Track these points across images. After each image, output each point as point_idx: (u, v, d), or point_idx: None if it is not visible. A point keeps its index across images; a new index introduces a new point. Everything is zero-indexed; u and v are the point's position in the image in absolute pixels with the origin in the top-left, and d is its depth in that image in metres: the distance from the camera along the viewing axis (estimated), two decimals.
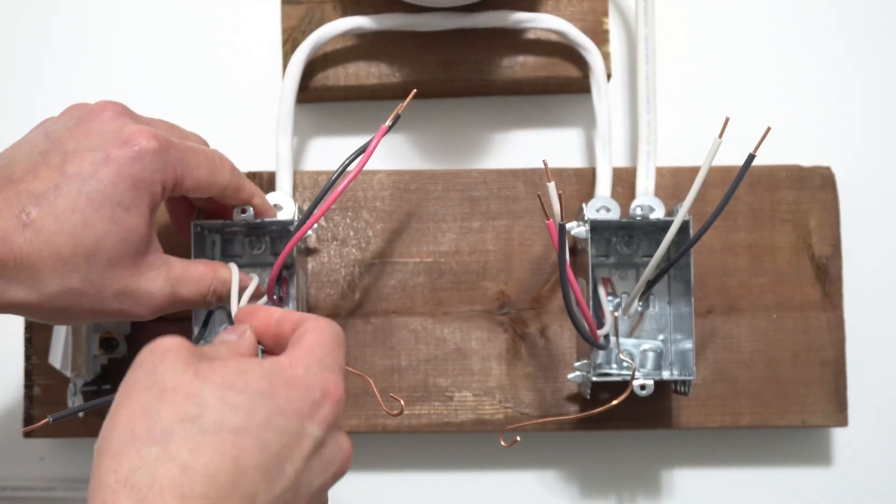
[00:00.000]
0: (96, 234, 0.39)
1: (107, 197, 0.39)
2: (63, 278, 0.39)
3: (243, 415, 0.32)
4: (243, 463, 0.31)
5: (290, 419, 0.33)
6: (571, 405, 0.54)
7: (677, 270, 0.51)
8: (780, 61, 0.59)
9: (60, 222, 0.39)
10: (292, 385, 0.34)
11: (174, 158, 0.41)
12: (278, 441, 0.33)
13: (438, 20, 0.54)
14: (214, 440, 0.31)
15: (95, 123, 0.41)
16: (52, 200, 0.39)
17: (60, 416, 0.44)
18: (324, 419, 0.35)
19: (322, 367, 0.36)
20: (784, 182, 0.55)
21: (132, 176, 0.40)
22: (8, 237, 0.38)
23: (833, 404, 0.54)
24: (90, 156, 0.40)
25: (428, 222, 0.55)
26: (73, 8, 0.60)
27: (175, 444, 0.31)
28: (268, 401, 0.33)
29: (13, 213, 0.38)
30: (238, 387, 0.33)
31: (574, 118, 0.59)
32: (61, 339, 0.50)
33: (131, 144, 0.40)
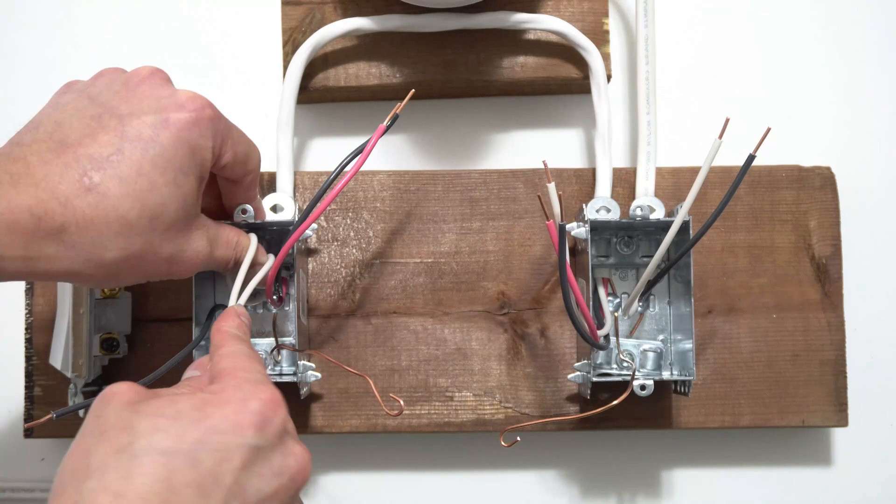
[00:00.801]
0: (161, 198, 0.39)
1: (169, 161, 0.40)
2: (126, 242, 0.39)
3: (174, 438, 0.33)
4: (174, 482, 0.32)
5: (225, 435, 0.34)
6: (571, 405, 0.54)
7: (677, 271, 0.51)
8: (780, 62, 0.59)
9: (127, 185, 0.38)
10: (226, 404, 0.35)
11: (223, 127, 0.42)
12: (212, 457, 0.34)
13: (439, 21, 0.54)
14: (144, 463, 0.32)
15: (146, 87, 0.41)
16: (117, 164, 0.38)
17: (64, 413, 0.44)
18: (262, 426, 0.35)
19: (250, 382, 0.37)
20: (784, 182, 0.55)
21: (190, 141, 0.40)
22: (70, 202, 0.37)
23: (833, 404, 0.54)
24: (149, 119, 0.40)
25: (428, 223, 0.55)
26: (73, 7, 0.60)
27: (108, 476, 0.32)
28: (200, 422, 0.34)
29: (74, 177, 0.38)
30: (169, 414, 0.34)
31: (574, 119, 0.59)
32: (62, 340, 0.50)
33: (188, 109, 0.41)
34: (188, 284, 0.51)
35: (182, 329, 0.54)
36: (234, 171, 0.45)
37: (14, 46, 0.60)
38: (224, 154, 0.43)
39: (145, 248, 0.40)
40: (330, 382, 0.54)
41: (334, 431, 0.54)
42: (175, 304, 0.54)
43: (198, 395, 0.36)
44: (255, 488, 0.35)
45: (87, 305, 0.50)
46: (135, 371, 0.53)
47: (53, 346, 0.51)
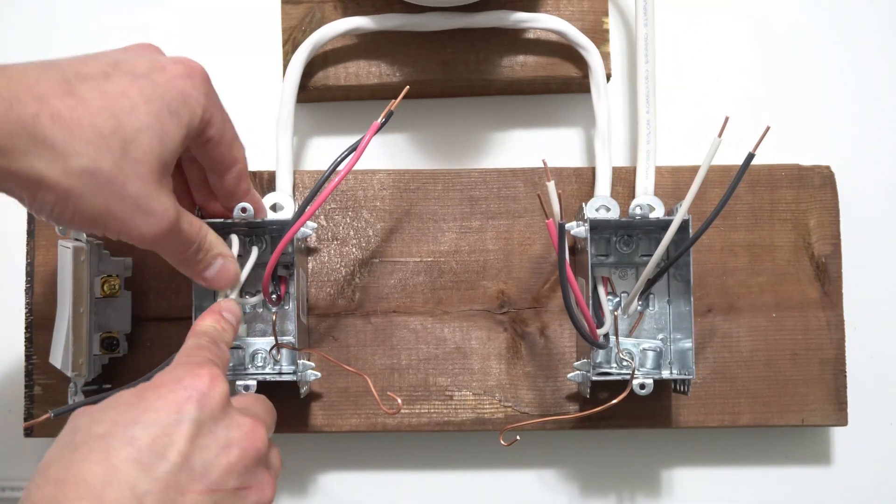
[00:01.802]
0: (140, 124, 0.38)
1: (157, 94, 0.39)
2: (95, 154, 0.37)
3: (109, 423, 0.35)
4: (112, 461, 0.34)
5: (160, 412, 0.36)
6: (571, 404, 0.54)
7: (677, 269, 0.51)
8: (780, 61, 0.59)
9: (107, 100, 0.38)
10: (161, 386, 0.37)
11: (215, 95, 0.42)
12: (149, 433, 0.35)
13: (438, 20, 0.54)
14: (82, 451, 0.34)
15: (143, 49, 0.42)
16: (101, 82, 0.38)
17: (61, 412, 0.44)
18: (201, 399, 0.37)
19: (187, 365, 0.38)
20: (783, 181, 0.55)
21: (182, 90, 0.40)
22: (45, 98, 0.36)
23: (832, 403, 0.54)
24: (145, 62, 0.40)
25: (428, 222, 0.55)
26: (72, 7, 0.60)
27: (51, 470, 0.34)
28: (135, 406, 0.36)
29: (54, 81, 0.37)
30: (107, 407, 0.36)
31: (574, 118, 0.59)
32: (62, 339, 0.50)
33: (185, 64, 0.41)
34: (188, 283, 0.51)
35: (182, 328, 0.53)
36: (220, 154, 0.44)
37: (14, 47, 0.59)
38: (213, 123, 0.42)
39: (113, 171, 0.38)
40: (330, 381, 0.54)
41: (334, 430, 0.54)
42: (175, 304, 0.54)
43: (138, 387, 0.38)
44: (202, 460, 0.36)
45: (87, 304, 0.50)
46: (135, 370, 0.53)
47: (53, 345, 0.51)
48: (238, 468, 0.37)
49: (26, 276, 0.54)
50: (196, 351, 0.41)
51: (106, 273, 0.51)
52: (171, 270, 0.54)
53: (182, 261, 0.44)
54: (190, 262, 0.44)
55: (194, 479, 0.35)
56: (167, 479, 0.34)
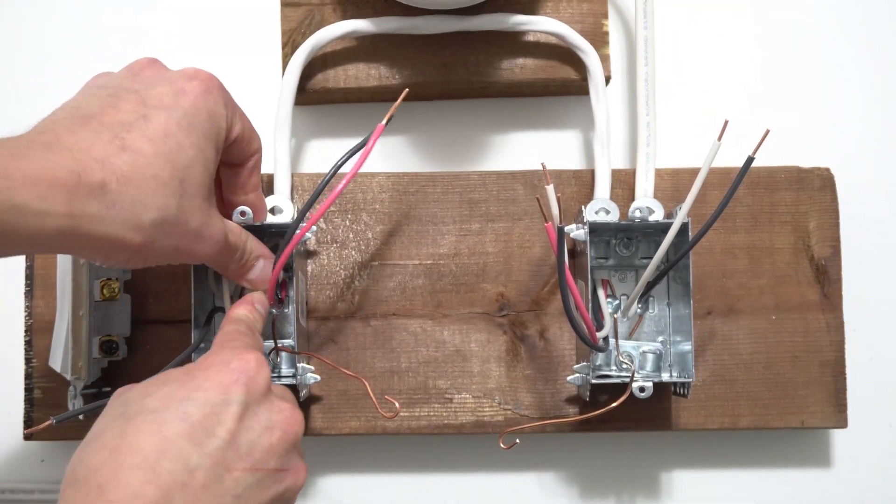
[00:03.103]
0: (188, 159, 0.40)
1: (192, 124, 0.40)
2: (163, 202, 0.39)
3: (162, 398, 0.37)
4: (167, 433, 0.36)
5: (210, 391, 0.38)
6: (571, 407, 0.54)
7: (676, 272, 0.51)
8: (780, 63, 0.59)
9: (157, 145, 0.39)
10: (209, 367, 0.39)
11: (230, 99, 0.43)
12: (200, 410, 0.37)
13: (438, 23, 0.54)
14: (135, 422, 0.36)
15: (150, 71, 0.42)
16: (144, 127, 0.39)
17: (63, 418, 0.44)
18: (247, 383, 0.39)
19: (233, 349, 0.40)
20: (783, 183, 0.55)
21: (207, 108, 0.41)
22: (107, 160, 0.37)
23: (832, 406, 0.54)
24: (164, 89, 0.41)
25: (427, 224, 0.55)
26: (72, 9, 0.60)
27: (105, 437, 0.36)
28: (186, 384, 0.38)
29: (105, 139, 0.38)
30: (157, 383, 0.38)
31: (573, 120, 0.59)
32: (61, 342, 0.50)
33: (199, 79, 0.42)
34: (187, 286, 0.51)
35: (181, 331, 0.54)
36: (240, 150, 0.45)
37: (14, 47, 0.60)
38: (234, 125, 0.44)
39: (178, 213, 0.40)
40: (329, 384, 0.54)
41: (334, 433, 0.54)
42: (174, 307, 0.54)
43: (185, 367, 0.40)
44: (247, 440, 0.38)
45: (86, 307, 0.50)
46: (134, 373, 0.53)
47: (53, 349, 0.51)
48: (278, 450, 0.39)
49: (26, 279, 0.54)
50: (238, 336, 0.43)
51: (105, 276, 0.51)
52: (170, 273, 0.54)
53: (226, 267, 0.46)
54: (234, 267, 0.47)
55: (240, 457, 0.37)
56: (216, 455, 0.36)
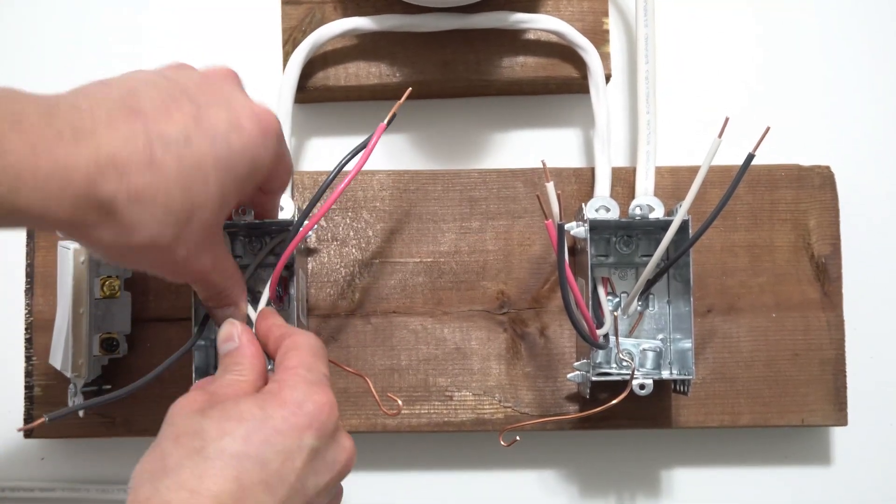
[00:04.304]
0: (206, 197, 0.38)
1: (231, 166, 0.39)
2: (159, 229, 0.37)
3: (241, 440, 0.37)
4: (245, 482, 0.36)
5: (286, 437, 0.37)
6: (571, 405, 0.54)
7: (677, 270, 0.51)
8: (780, 61, 0.59)
9: (182, 173, 0.37)
10: (284, 405, 0.38)
11: (282, 145, 0.42)
12: (277, 458, 0.37)
13: (438, 20, 0.54)
14: (216, 466, 0.36)
15: (224, 85, 0.41)
16: (181, 149, 0.37)
17: (57, 416, 0.44)
18: (320, 428, 0.38)
19: (308, 383, 0.40)
20: (783, 181, 0.55)
21: (254, 154, 0.40)
22: (127, 173, 0.35)
23: (832, 404, 0.54)
24: (224, 116, 0.39)
25: (427, 222, 0.55)
26: (73, 7, 0.60)
27: (184, 474, 0.35)
28: (264, 424, 0.37)
29: (137, 146, 0.36)
30: (234, 416, 0.37)
31: (573, 118, 0.59)
32: (62, 340, 0.50)
33: (261, 121, 0.40)
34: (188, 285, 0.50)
35: (182, 329, 0.54)
36: (272, 185, 0.45)
37: (14, 47, 0.60)
38: (275, 174, 0.43)
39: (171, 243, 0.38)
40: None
41: None
42: (175, 304, 0.54)
43: (259, 396, 0.39)
44: (313, 483, 0.38)
45: (86, 305, 0.50)
46: (135, 371, 0.53)
47: (53, 346, 0.51)
48: (332, 486, 0.40)
49: (26, 277, 0.54)
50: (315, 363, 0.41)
51: (106, 274, 0.51)
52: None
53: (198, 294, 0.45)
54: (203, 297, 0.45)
55: (305, 500, 0.38)
56: (286, 500, 0.37)
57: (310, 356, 0.41)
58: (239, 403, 0.38)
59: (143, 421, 0.54)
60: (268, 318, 0.45)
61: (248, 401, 0.39)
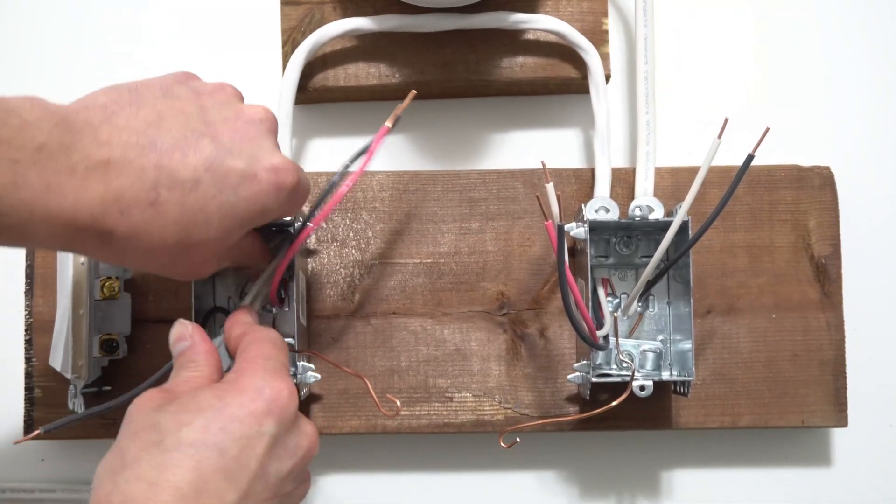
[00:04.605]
0: (206, 237, 0.39)
1: (235, 213, 0.40)
2: (152, 259, 0.39)
3: (199, 430, 0.37)
4: (204, 470, 0.36)
5: (245, 423, 0.38)
6: (571, 406, 0.54)
7: (676, 271, 0.51)
8: (780, 62, 0.59)
9: (185, 214, 0.38)
10: (242, 392, 0.39)
11: (293, 198, 0.42)
12: (236, 445, 0.37)
13: (438, 21, 0.54)
14: (174, 456, 0.36)
15: (254, 130, 0.41)
16: (187, 192, 0.38)
17: (52, 428, 0.44)
18: (279, 414, 0.39)
19: (265, 370, 0.40)
20: (783, 182, 0.55)
21: (264, 205, 0.41)
22: (129, 211, 0.37)
23: (832, 405, 0.54)
24: (240, 164, 0.40)
25: (427, 223, 0.55)
26: (74, 7, 0.60)
27: (142, 467, 0.36)
28: (222, 413, 0.38)
29: (145, 186, 0.37)
30: (192, 409, 0.38)
31: (573, 119, 0.59)
32: (62, 341, 0.50)
33: (278, 174, 0.40)
34: (187, 286, 0.51)
35: None
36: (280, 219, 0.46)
37: (14, 47, 0.59)
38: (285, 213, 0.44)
39: (163, 264, 0.40)
40: (329, 383, 0.54)
41: (334, 432, 0.54)
42: (174, 306, 0.54)
43: (216, 386, 0.39)
44: (275, 469, 0.39)
45: (86, 306, 0.50)
46: (135, 372, 0.53)
47: (53, 348, 0.51)
48: (296, 472, 0.40)
49: (26, 278, 0.54)
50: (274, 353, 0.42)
51: (106, 275, 0.51)
52: None
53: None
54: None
55: (267, 487, 0.38)
56: (248, 488, 0.37)
57: (268, 346, 0.42)
58: (196, 395, 0.39)
59: None
60: (234, 316, 0.45)
61: (205, 391, 0.39)
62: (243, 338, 0.43)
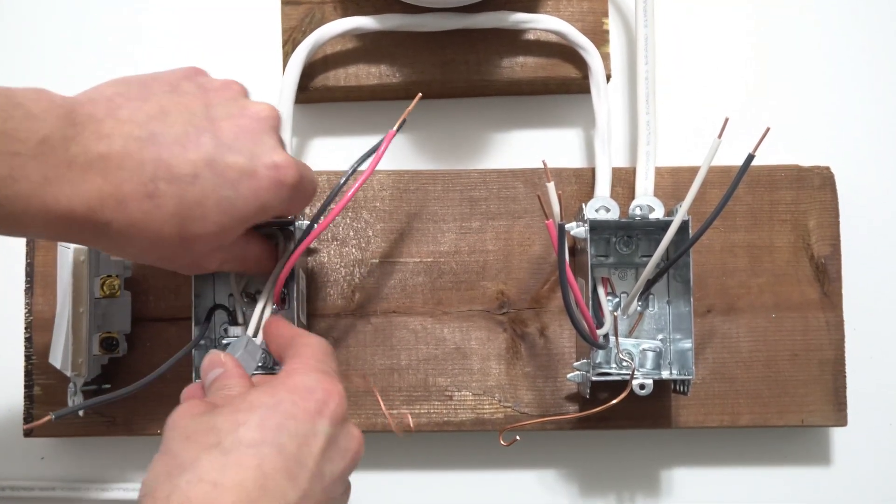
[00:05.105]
0: (203, 231, 0.39)
1: (234, 208, 0.40)
2: (148, 252, 0.39)
3: (255, 429, 0.36)
4: (266, 469, 0.35)
5: (300, 421, 0.37)
6: (571, 405, 0.54)
7: (676, 270, 0.51)
8: (780, 62, 0.59)
9: (182, 208, 0.38)
10: (295, 391, 0.38)
11: (295, 196, 0.42)
12: (293, 442, 0.37)
13: (438, 21, 0.54)
14: (236, 457, 0.35)
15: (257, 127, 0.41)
16: (185, 186, 0.38)
17: (63, 414, 0.44)
18: (332, 415, 0.39)
19: (319, 372, 0.40)
20: (783, 182, 0.55)
21: (263, 202, 0.41)
22: (126, 203, 0.37)
23: (832, 404, 0.54)
24: (240, 160, 0.40)
25: (428, 222, 0.55)
26: (71, 6, 0.60)
27: (203, 468, 0.35)
28: (275, 410, 0.37)
29: (143, 179, 0.37)
30: (244, 408, 0.37)
31: (573, 118, 0.59)
32: (62, 339, 0.50)
33: (278, 172, 0.41)
34: (188, 283, 0.51)
35: (182, 328, 0.54)
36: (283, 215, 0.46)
37: (14, 47, 0.60)
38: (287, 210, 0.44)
39: (163, 257, 0.40)
40: None
41: None
42: (175, 304, 0.54)
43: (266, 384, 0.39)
44: (329, 471, 0.38)
45: (87, 304, 0.50)
46: (134, 370, 0.53)
47: (53, 345, 0.51)
48: (345, 475, 0.40)
49: (26, 276, 0.54)
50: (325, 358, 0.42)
51: (106, 273, 0.51)
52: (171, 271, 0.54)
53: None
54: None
55: (323, 488, 0.38)
56: (308, 487, 0.37)
57: (321, 352, 0.42)
58: (247, 395, 0.38)
59: (144, 420, 0.54)
60: (279, 322, 0.46)
61: (255, 391, 0.39)
62: (295, 339, 0.43)
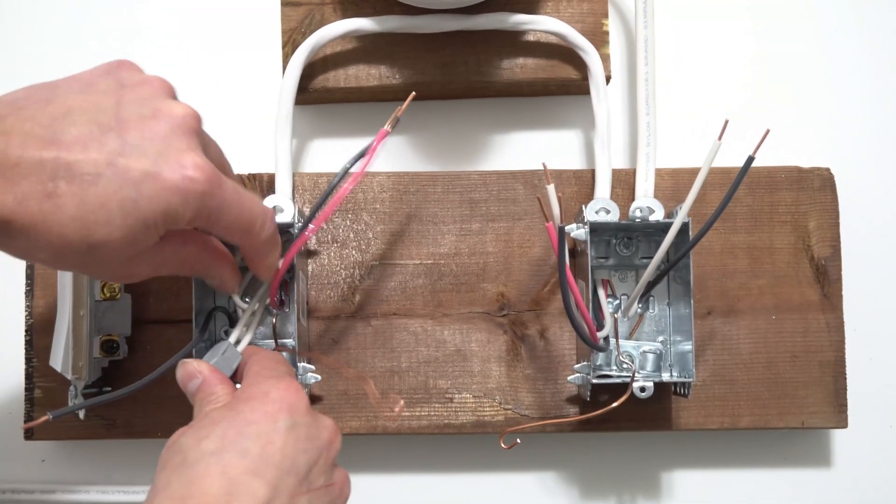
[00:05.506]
0: (108, 236, 0.38)
1: (138, 211, 0.38)
2: (57, 256, 0.38)
3: (217, 439, 0.38)
4: (231, 474, 0.37)
5: (260, 423, 0.39)
6: (571, 407, 0.54)
7: (677, 272, 0.51)
8: (780, 63, 0.59)
9: (83, 210, 0.37)
10: (251, 399, 0.41)
11: (215, 206, 0.40)
12: (256, 444, 0.38)
13: (438, 22, 0.54)
14: (200, 468, 0.37)
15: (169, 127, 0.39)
16: (86, 186, 0.37)
17: (60, 414, 0.44)
18: (290, 409, 0.40)
19: (269, 378, 0.42)
20: (783, 183, 0.55)
21: (168, 204, 0.38)
22: (25, 201, 0.36)
23: (832, 406, 0.54)
24: (145, 163, 0.38)
25: (428, 224, 0.55)
26: (71, 5, 0.60)
27: (173, 486, 0.37)
28: (234, 420, 0.39)
29: (43, 178, 0.36)
30: (206, 424, 0.40)
31: (573, 120, 0.59)
32: (62, 342, 0.50)
33: (186, 175, 0.38)
34: (188, 286, 0.51)
35: (182, 331, 0.54)
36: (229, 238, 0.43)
37: (14, 47, 0.59)
38: (209, 227, 0.41)
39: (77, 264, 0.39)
40: (330, 384, 0.54)
41: None
42: (175, 306, 0.54)
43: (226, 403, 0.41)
44: (303, 460, 0.39)
45: (87, 307, 0.50)
46: (135, 373, 0.53)
47: (53, 348, 0.51)
48: (323, 464, 0.41)
49: (26, 278, 0.54)
50: (272, 364, 0.44)
51: None
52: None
53: None
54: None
55: (298, 480, 0.39)
56: (277, 482, 0.38)
57: (269, 360, 0.44)
58: (208, 414, 0.41)
59: (144, 423, 0.54)
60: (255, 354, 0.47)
61: (217, 409, 0.41)
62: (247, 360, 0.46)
